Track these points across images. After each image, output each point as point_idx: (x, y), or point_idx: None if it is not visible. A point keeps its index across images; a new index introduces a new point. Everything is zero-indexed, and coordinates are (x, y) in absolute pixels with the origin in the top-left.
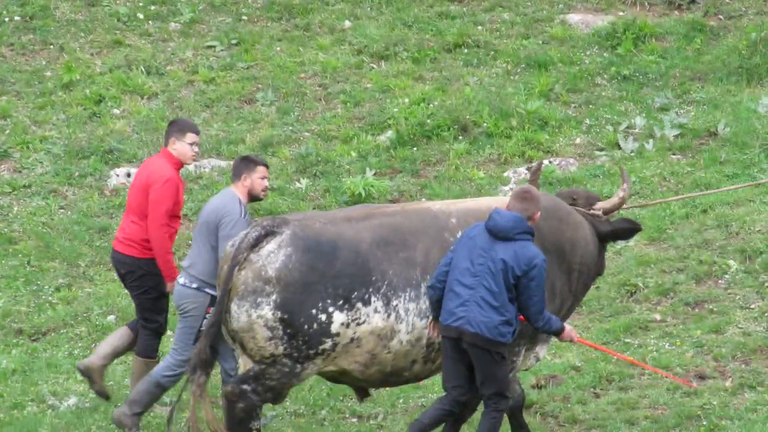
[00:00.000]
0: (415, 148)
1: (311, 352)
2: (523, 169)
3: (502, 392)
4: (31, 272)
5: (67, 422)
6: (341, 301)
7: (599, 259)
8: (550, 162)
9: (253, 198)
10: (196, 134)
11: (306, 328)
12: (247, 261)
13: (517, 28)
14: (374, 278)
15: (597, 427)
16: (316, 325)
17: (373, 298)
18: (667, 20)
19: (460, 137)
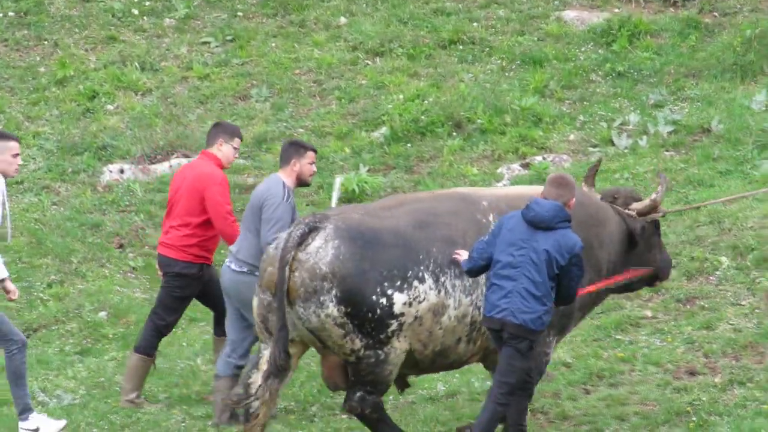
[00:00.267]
0: (409, 145)
1: (382, 336)
2: (517, 166)
3: (514, 387)
4: (23, 269)
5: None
6: (399, 282)
7: (643, 258)
8: (544, 158)
9: (302, 183)
10: (241, 139)
11: (370, 315)
12: (296, 261)
13: (512, 24)
14: (421, 257)
15: (587, 423)
16: (379, 310)
17: (426, 275)
18: (662, 17)
19: (454, 133)
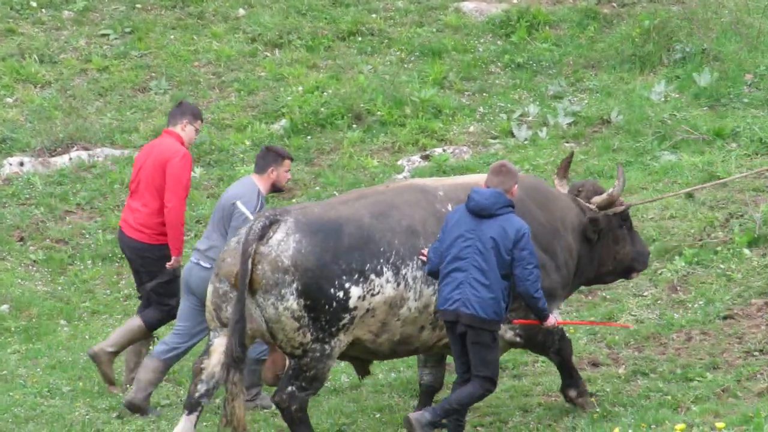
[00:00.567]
0: (309, 137)
1: (333, 330)
2: (417, 158)
3: (493, 377)
4: None
5: None
6: (356, 275)
7: (600, 253)
8: (444, 150)
9: (276, 189)
10: (202, 122)
11: (327, 308)
12: (258, 253)
13: (411, 16)
14: (382, 249)
15: (491, 415)
16: (335, 303)
17: (385, 268)
18: (561, 8)
19: (354, 125)
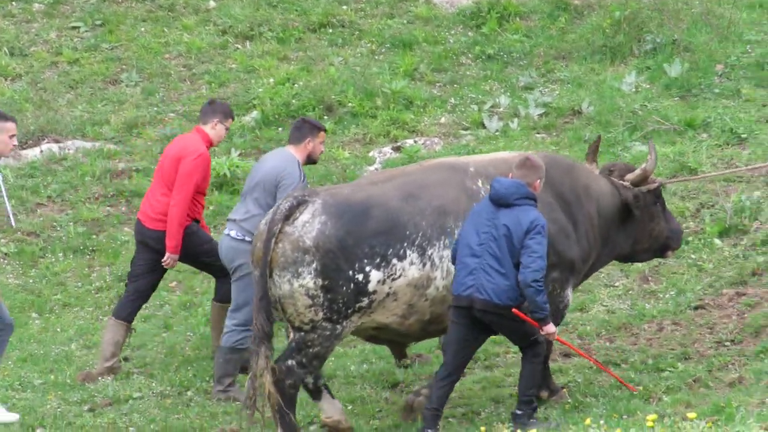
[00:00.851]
0: (281, 128)
1: (349, 311)
2: (388, 149)
3: (535, 340)
4: None
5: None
6: (378, 259)
7: (636, 229)
8: (415, 142)
9: (310, 161)
10: (233, 120)
11: (344, 290)
12: (282, 233)
13: (381, 7)
14: (408, 232)
15: (463, 406)
16: (353, 286)
17: (408, 252)
18: None
19: (325, 117)
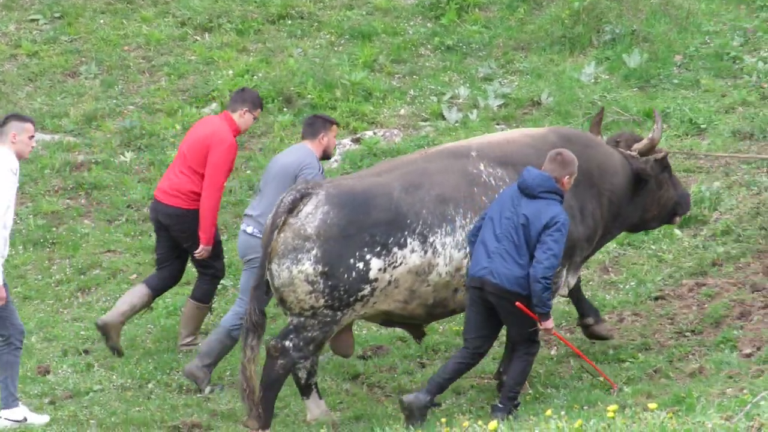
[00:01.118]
0: None
1: (351, 299)
2: (348, 141)
3: (531, 338)
4: None
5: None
6: (378, 248)
7: (645, 199)
8: (375, 133)
9: (325, 156)
10: (262, 110)
11: (345, 277)
12: (286, 224)
13: None
14: (409, 221)
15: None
16: (354, 274)
17: (409, 240)
18: None
19: (285, 109)
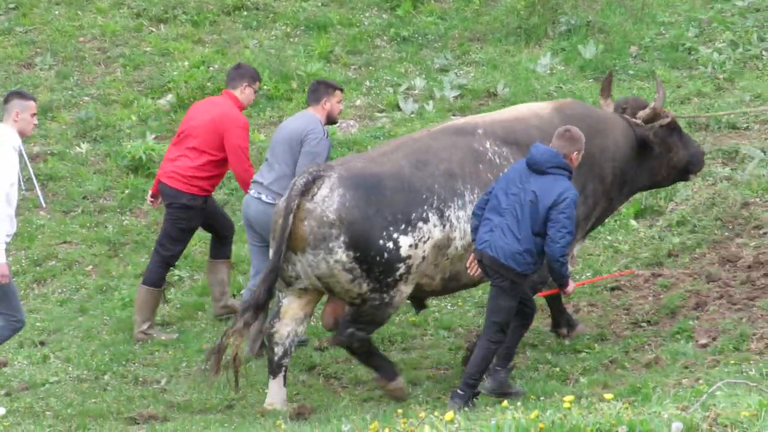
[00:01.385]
0: None
1: (390, 280)
2: None
3: (503, 325)
4: None
5: None
6: (403, 225)
7: (652, 163)
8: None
9: (330, 121)
10: (261, 81)
11: (378, 259)
12: (304, 210)
13: None
14: (425, 196)
15: (381, 388)
16: (387, 254)
17: (430, 214)
18: None
19: None
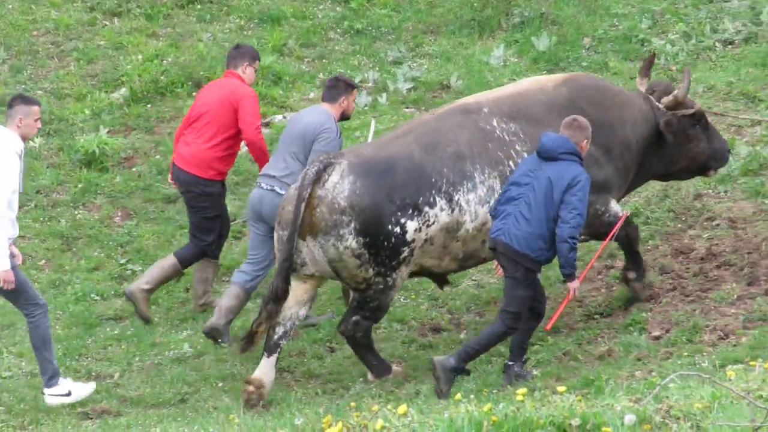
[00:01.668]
0: (149, 105)
1: (394, 263)
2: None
3: (518, 314)
4: None
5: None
6: (411, 210)
7: (670, 151)
8: (285, 117)
9: (344, 118)
10: (260, 61)
11: (386, 244)
12: (316, 197)
13: None
14: (434, 180)
15: (333, 382)
16: (394, 239)
17: (437, 198)
18: None
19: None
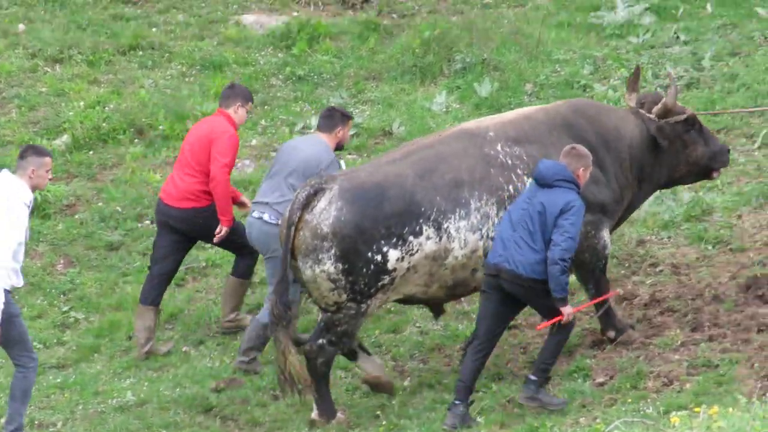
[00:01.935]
0: (91, 152)
1: (371, 291)
2: None
3: (559, 315)
4: None
5: None
6: (395, 239)
7: (670, 159)
8: None
9: (338, 148)
10: (252, 102)
11: (365, 271)
12: (302, 221)
13: (191, 29)
14: (423, 209)
15: (277, 429)
16: (373, 266)
17: (425, 227)
18: (341, 20)
19: (137, 140)
